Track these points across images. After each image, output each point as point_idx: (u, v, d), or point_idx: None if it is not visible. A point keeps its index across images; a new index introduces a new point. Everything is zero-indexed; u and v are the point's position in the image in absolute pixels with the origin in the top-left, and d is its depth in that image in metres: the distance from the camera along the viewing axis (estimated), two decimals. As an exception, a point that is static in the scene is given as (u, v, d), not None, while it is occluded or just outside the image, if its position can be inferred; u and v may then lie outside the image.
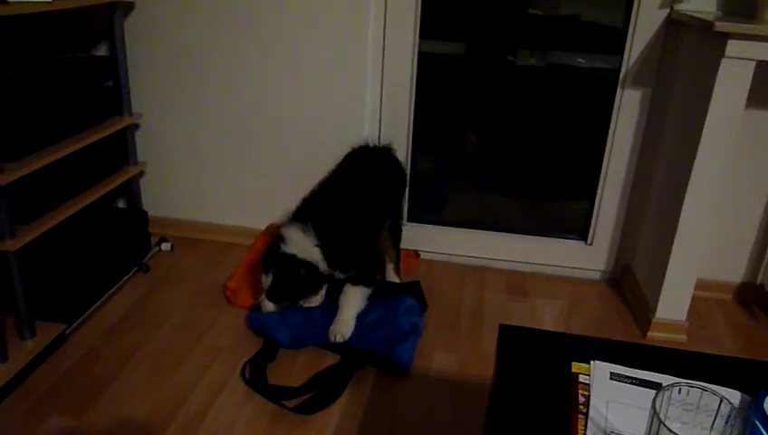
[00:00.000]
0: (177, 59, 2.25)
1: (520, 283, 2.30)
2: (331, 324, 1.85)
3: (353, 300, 1.88)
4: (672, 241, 1.89)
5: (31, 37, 2.15)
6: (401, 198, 2.27)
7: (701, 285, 2.06)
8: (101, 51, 2.28)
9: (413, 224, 2.43)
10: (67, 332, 1.85)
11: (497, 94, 2.49)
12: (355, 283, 1.89)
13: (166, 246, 2.36)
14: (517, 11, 2.40)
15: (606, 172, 2.23)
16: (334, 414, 1.59)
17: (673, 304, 1.96)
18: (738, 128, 1.75)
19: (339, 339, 1.81)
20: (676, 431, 0.65)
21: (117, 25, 2.07)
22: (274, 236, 1.90)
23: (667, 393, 0.73)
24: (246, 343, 1.86)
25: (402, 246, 2.26)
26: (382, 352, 1.78)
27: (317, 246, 1.80)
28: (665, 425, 0.65)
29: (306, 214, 1.87)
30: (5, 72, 1.73)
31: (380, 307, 1.94)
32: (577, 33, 2.39)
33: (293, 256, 1.79)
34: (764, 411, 0.85)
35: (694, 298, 1.97)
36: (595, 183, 2.27)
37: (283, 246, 1.81)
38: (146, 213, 2.31)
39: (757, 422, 0.84)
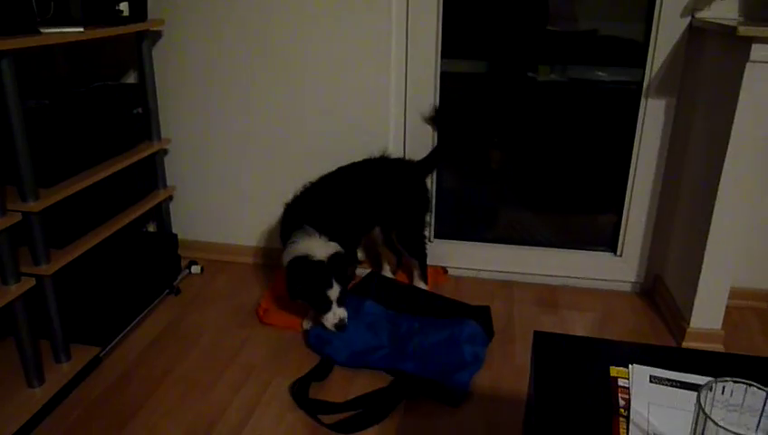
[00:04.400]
0: (204, 85, 2.30)
1: (550, 296, 2.28)
2: (397, 350, 1.83)
3: None
4: (704, 250, 1.86)
5: (64, 66, 2.22)
6: (407, 210, 2.21)
7: (735, 293, 2.03)
8: (131, 78, 2.34)
9: (440, 240, 2.43)
10: (101, 355, 1.87)
11: (519, 110, 2.50)
12: None
13: (196, 269, 2.38)
14: (536, 28, 2.42)
15: (633, 183, 2.21)
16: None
17: (707, 314, 1.93)
18: (766, 133, 1.73)
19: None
20: (729, 432, 0.64)
21: (146, 54, 2.13)
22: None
23: (710, 393, 0.72)
24: (280, 360, 1.86)
25: (430, 262, 2.26)
26: (438, 380, 1.72)
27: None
28: (711, 419, 0.64)
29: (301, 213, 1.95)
30: (41, 100, 1.78)
31: (444, 329, 1.90)
32: (596, 47, 2.40)
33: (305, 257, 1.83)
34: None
35: (728, 307, 1.93)
36: (622, 195, 2.25)
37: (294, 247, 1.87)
38: (175, 236, 2.35)
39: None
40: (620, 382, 0.92)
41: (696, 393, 0.71)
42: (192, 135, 2.38)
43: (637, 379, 0.93)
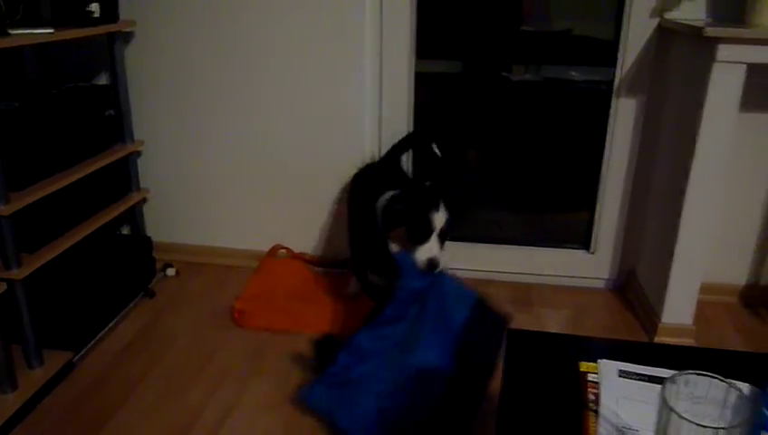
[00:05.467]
0: (177, 86, 2.28)
1: (525, 294, 2.30)
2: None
3: None
4: (674, 246, 1.89)
5: (34, 68, 2.19)
6: None
7: (706, 288, 2.06)
8: (103, 80, 2.31)
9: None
10: (75, 359, 1.85)
11: (494, 110, 2.52)
12: None
13: (171, 272, 2.37)
14: (510, 28, 2.44)
15: (605, 181, 2.24)
16: None
17: (679, 309, 1.96)
18: (733, 131, 1.77)
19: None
20: (691, 423, 0.66)
21: (117, 55, 2.11)
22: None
23: (674, 385, 0.73)
24: (256, 362, 1.86)
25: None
26: None
27: None
28: (675, 411, 0.66)
29: None
30: (10, 103, 1.76)
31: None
32: (569, 47, 2.43)
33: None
34: (773, 401, 0.85)
35: (699, 302, 1.97)
36: (595, 192, 2.28)
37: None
38: (150, 239, 2.33)
39: (766, 412, 0.84)
40: (590, 377, 0.94)
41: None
42: (166, 137, 2.36)
43: (606, 374, 0.94)
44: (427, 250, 1.57)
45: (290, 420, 1.62)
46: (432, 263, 1.56)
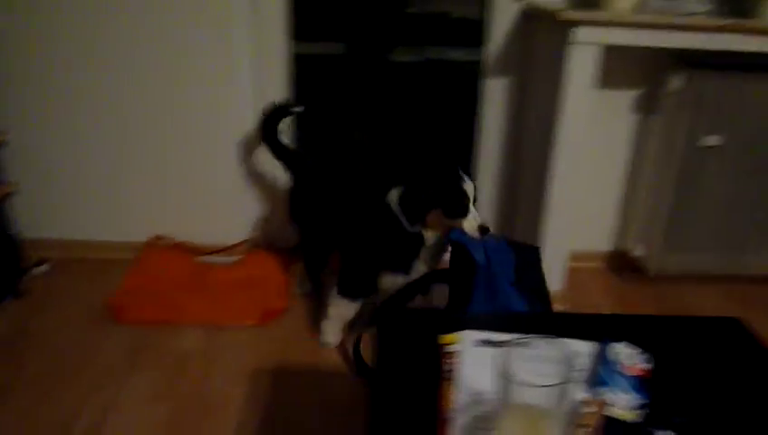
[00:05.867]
0: (45, 73, 2.14)
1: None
2: None
3: None
4: (545, 216, 2.01)
5: None
6: None
7: (576, 256, 2.20)
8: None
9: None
10: (-65, 369, 1.73)
11: (378, 91, 2.55)
12: None
13: (41, 269, 2.24)
14: (395, 10, 2.47)
15: (479, 159, 2.33)
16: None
17: (551, 276, 2.08)
18: (590, 107, 1.89)
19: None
20: (523, 382, 0.71)
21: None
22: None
23: (507, 349, 0.77)
24: (135, 358, 1.81)
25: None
26: None
27: None
28: (508, 374, 0.71)
29: None
30: None
31: None
32: (448, 28, 2.49)
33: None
34: (607, 357, 0.94)
35: (571, 269, 2.10)
36: (472, 169, 2.37)
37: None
38: (16, 235, 2.19)
39: (600, 366, 0.92)
40: (451, 348, 0.98)
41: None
42: (34, 126, 2.21)
43: (466, 344, 0.99)
44: (473, 219, 1.64)
45: (175, 412, 1.60)
46: (483, 228, 1.63)
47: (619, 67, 2.10)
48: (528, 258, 1.75)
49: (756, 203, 2.16)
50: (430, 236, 1.71)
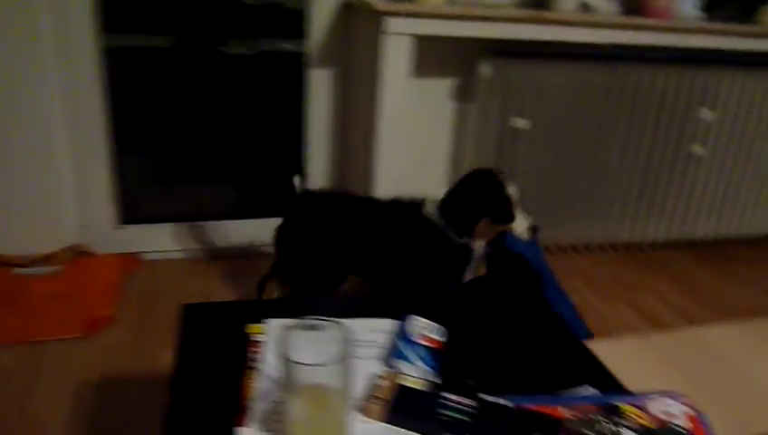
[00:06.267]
0: None
1: (253, 266, 2.32)
2: None
3: None
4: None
5: None
6: None
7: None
8: None
9: (131, 226, 2.32)
10: None
11: (211, 86, 2.48)
12: None
13: None
14: (227, 1, 2.41)
15: (311, 148, 2.35)
16: None
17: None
18: (408, 96, 1.96)
19: None
20: (301, 362, 0.73)
21: None
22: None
23: (287, 333, 0.78)
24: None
25: (120, 250, 2.17)
26: None
27: None
28: (285, 355, 0.73)
29: None
30: None
31: None
32: (279, 19, 2.47)
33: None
34: (405, 332, 0.98)
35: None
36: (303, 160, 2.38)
37: None
38: None
39: (398, 341, 0.97)
40: (256, 338, 0.99)
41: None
42: None
43: (271, 332, 1.00)
44: (522, 221, 1.67)
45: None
46: (533, 228, 1.68)
47: (436, 57, 2.20)
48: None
49: (563, 182, 2.36)
50: (478, 245, 1.71)
